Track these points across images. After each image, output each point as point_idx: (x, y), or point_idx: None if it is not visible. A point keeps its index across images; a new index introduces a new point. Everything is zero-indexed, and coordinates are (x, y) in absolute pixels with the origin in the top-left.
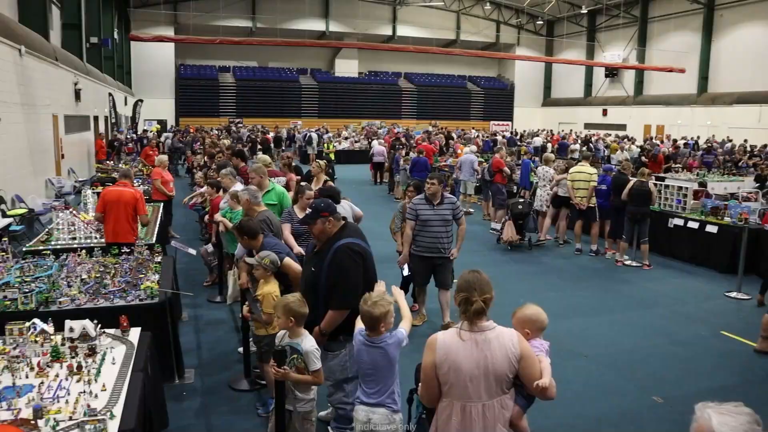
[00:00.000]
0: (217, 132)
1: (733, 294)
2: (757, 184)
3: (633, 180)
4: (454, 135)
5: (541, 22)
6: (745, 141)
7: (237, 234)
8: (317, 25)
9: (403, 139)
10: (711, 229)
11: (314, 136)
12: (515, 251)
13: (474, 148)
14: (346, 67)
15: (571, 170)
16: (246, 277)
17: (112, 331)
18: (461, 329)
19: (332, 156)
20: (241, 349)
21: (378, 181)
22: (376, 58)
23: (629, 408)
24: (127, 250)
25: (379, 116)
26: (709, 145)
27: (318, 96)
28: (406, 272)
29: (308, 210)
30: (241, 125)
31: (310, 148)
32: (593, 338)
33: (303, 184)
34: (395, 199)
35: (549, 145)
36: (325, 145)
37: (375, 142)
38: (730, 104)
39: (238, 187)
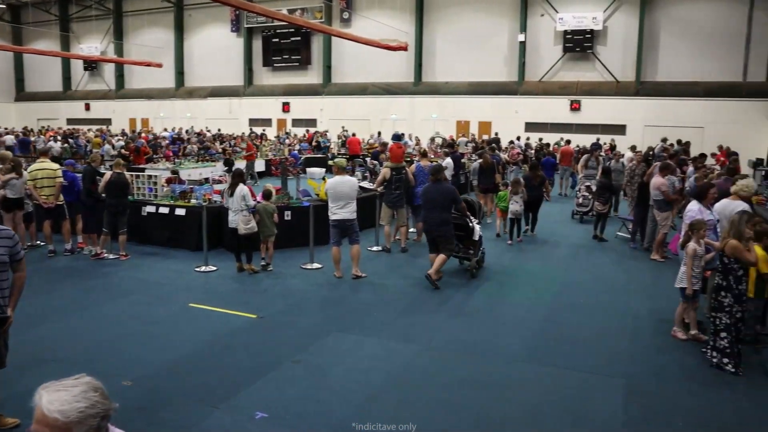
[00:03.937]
0: None
1: (202, 268)
2: (226, 168)
3: (109, 172)
4: None
5: (4, 6)
6: (219, 130)
7: None
8: None
9: None
10: (180, 212)
11: None
12: None
13: None
14: None
15: (30, 168)
16: None
17: None
18: None
19: None
20: None
21: None
22: None
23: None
24: None
25: None
26: (177, 135)
27: None
28: None
29: None
30: None
31: None
32: (69, 340)
33: None
34: None
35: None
36: None
37: None
38: (205, 97)
39: None
